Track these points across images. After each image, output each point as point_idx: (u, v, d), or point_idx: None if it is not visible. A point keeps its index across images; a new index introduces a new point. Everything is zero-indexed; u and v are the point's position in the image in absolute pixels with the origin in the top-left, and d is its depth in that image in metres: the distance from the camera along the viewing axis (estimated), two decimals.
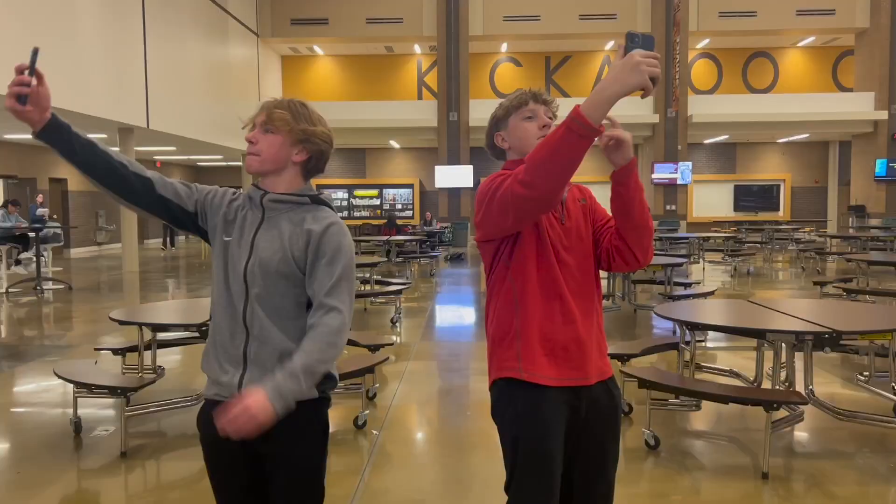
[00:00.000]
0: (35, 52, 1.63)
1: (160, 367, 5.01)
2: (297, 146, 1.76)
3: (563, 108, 1.93)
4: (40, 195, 16.79)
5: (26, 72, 1.60)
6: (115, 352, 5.03)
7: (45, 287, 11.39)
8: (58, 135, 1.66)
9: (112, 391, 3.94)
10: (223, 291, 1.76)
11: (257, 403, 1.56)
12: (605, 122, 1.76)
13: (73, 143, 1.67)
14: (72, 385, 4.12)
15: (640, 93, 1.56)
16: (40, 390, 5.24)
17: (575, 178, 1.74)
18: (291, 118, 1.75)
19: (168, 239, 22.26)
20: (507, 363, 1.85)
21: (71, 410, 4.38)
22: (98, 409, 4.68)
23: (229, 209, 1.80)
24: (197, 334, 4.26)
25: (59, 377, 4.12)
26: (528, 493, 1.82)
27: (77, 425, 4.23)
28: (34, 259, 15.63)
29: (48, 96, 1.63)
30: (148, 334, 4.65)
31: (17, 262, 13.83)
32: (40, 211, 15.41)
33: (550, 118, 1.93)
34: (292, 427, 1.70)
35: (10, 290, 11.32)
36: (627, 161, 1.81)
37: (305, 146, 1.76)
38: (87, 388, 4.00)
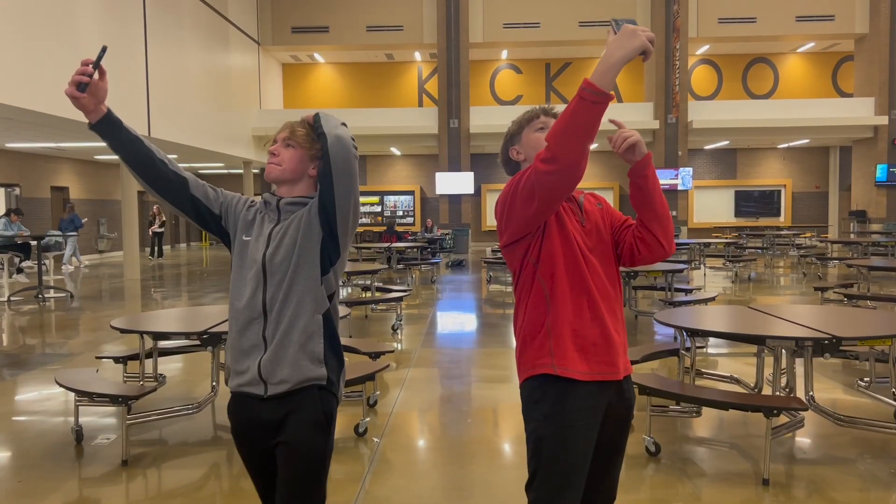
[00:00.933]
0: (103, 50, 1.77)
1: (161, 375, 5.01)
2: (315, 161, 1.96)
3: None
4: (72, 205, 17.64)
5: (91, 65, 1.76)
6: (117, 360, 5.04)
7: (46, 295, 11.41)
8: (109, 128, 1.86)
9: (113, 399, 3.94)
10: (242, 284, 1.92)
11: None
12: (610, 121, 1.98)
13: (121, 138, 1.87)
14: (73, 393, 4.12)
15: (641, 58, 1.71)
16: (42, 399, 5.25)
17: (578, 185, 1.82)
18: (313, 135, 1.94)
19: (155, 249, 21.25)
20: (540, 360, 1.89)
21: (72, 419, 4.39)
22: (99, 418, 4.68)
23: (248, 212, 2.00)
24: (198, 342, 4.26)
25: (61, 385, 4.12)
26: (548, 495, 1.86)
27: (78, 434, 4.24)
28: (77, 264, 16.63)
29: (106, 91, 1.81)
30: (149, 342, 4.65)
31: (19, 271, 13.86)
32: (85, 220, 16.73)
33: None
34: (298, 415, 1.87)
35: (12, 298, 11.34)
36: (643, 156, 1.92)
37: (322, 162, 1.92)
38: (88, 397, 4.01)
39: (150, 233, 21.41)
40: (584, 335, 1.88)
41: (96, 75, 1.79)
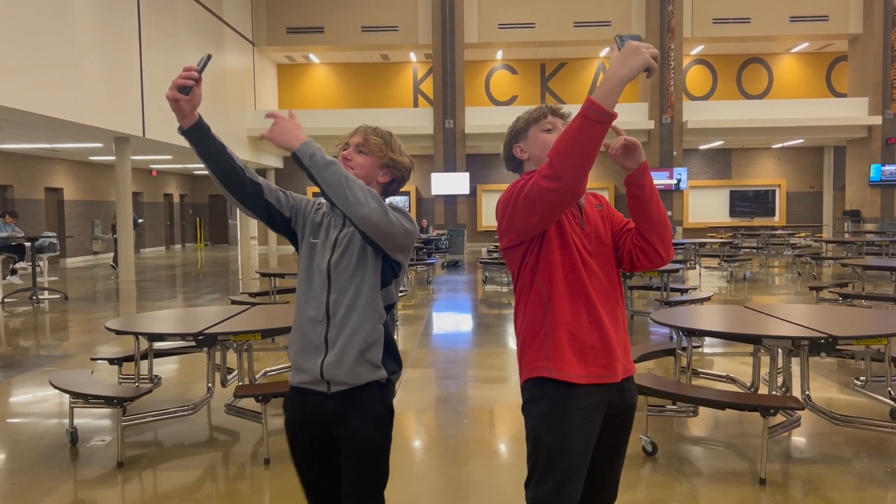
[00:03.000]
0: (208, 58, 1.87)
1: (157, 376, 4.99)
2: (384, 169, 2.05)
3: None
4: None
5: (196, 71, 1.81)
6: (112, 361, 5.01)
7: (40, 297, 11.37)
8: (199, 134, 1.87)
9: (108, 401, 3.93)
10: (308, 287, 1.99)
11: (296, 128, 1.84)
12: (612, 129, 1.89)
13: (209, 144, 1.89)
14: (68, 395, 4.11)
15: (644, 74, 1.69)
16: (36, 401, 5.22)
17: None
18: (384, 145, 2.04)
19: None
20: (538, 363, 1.91)
21: (67, 421, 4.37)
22: (94, 420, 4.66)
23: (316, 215, 2.05)
24: (193, 343, 4.24)
25: (55, 387, 4.11)
26: (545, 493, 1.87)
27: (73, 436, 4.22)
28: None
29: (201, 97, 1.84)
30: (144, 344, 4.63)
31: (13, 272, 13.81)
32: (141, 220, 17.40)
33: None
34: (362, 409, 1.95)
35: (6, 300, 11.29)
36: (639, 164, 1.91)
37: (391, 171, 2.06)
38: (83, 399, 3.99)
39: (113, 238, 18.93)
40: (581, 339, 1.89)
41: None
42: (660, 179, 20.83)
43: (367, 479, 1.96)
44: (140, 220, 18.15)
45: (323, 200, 2.06)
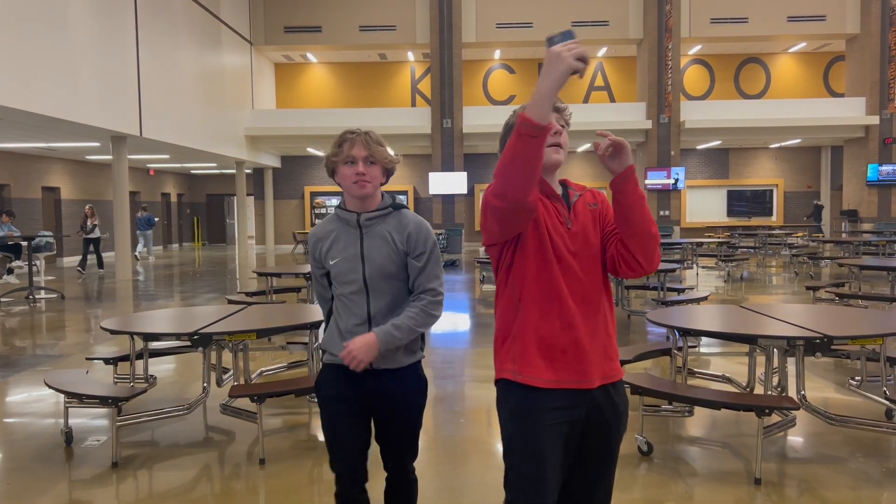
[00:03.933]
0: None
1: (152, 376, 4.98)
2: (385, 172, 2.26)
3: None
4: (146, 206, 19.32)
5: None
6: (107, 361, 5.00)
7: (36, 296, 11.34)
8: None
9: (103, 401, 3.92)
10: (345, 297, 2.25)
11: (370, 343, 2.15)
12: (598, 134, 1.89)
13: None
14: (63, 395, 4.10)
15: (577, 77, 1.63)
16: (31, 400, 5.21)
17: (581, 180, 1.77)
18: (387, 152, 2.22)
19: (87, 257, 16.52)
20: (505, 365, 1.90)
21: (62, 420, 4.36)
22: (89, 419, 4.65)
23: (324, 244, 2.28)
24: (189, 343, 4.24)
25: (50, 387, 4.10)
26: (520, 492, 1.86)
27: (68, 435, 4.21)
28: (146, 255, 17.78)
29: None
30: (139, 343, 4.62)
31: (9, 272, 13.79)
32: (157, 219, 18.21)
33: (563, 125, 1.94)
34: (404, 382, 2.27)
35: (2, 299, 11.26)
36: (624, 168, 1.84)
37: (389, 170, 2.28)
38: (78, 398, 3.98)
39: (82, 238, 16.75)
40: (551, 342, 1.83)
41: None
42: (657, 179, 20.83)
43: (411, 435, 2.34)
44: (155, 219, 18.45)
45: (321, 234, 2.30)
